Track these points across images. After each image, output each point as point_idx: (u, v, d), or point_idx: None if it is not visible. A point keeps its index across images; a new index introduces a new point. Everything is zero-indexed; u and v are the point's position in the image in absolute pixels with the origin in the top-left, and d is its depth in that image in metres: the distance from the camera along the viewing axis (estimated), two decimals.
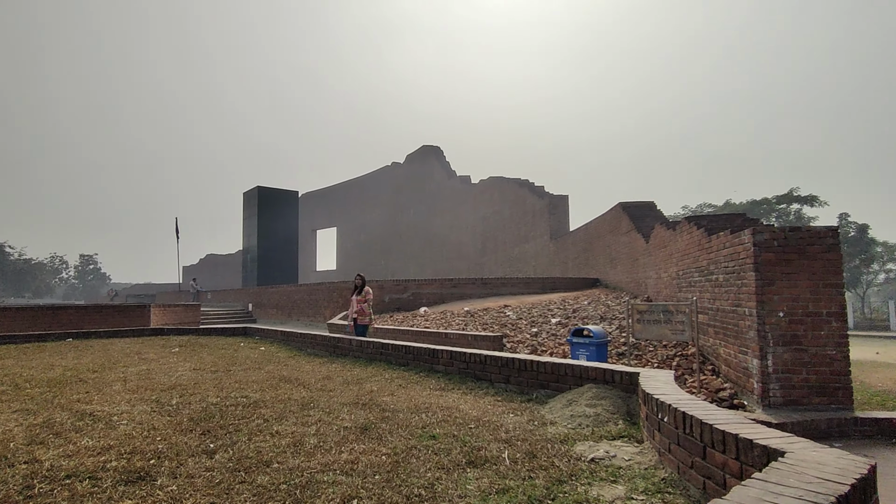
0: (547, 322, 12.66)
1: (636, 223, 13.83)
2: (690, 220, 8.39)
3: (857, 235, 43.49)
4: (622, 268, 15.68)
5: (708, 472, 2.44)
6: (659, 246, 10.99)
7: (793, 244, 5.76)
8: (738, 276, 6.30)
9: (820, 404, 5.73)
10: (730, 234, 6.55)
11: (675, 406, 2.79)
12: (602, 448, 3.32)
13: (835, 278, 5.70)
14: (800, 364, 5.74)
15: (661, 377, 3.89)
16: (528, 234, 33.52)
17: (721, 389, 6.76)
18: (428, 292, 19.58)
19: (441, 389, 5.52)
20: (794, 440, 2.14)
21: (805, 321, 5.73)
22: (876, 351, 20.77)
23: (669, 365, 8.11)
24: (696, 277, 8.12)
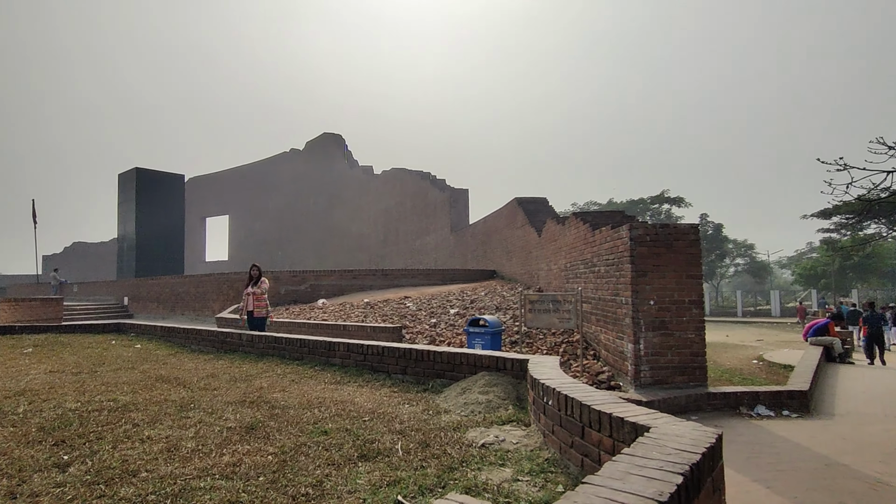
0: (446, 313, 12.90)
1: (530, 218, 14.56)
2: (577, 216, 9.00)
3: (714, 233, 49.71)
4: (517, 260, 16.44)
5: (585, 450, 2.62)
6: (550, 240, 11.67)
7: (662, 239, 6.40)
8: (616, 267, 6.86)
9: (681, 382, 6.44)
10: (610, 229, 7.11)
11: (558, 390, 2.96)
12: (492, 433, 3.43)
13: (695, 270, 6.43)
14: (666, 347, 6.41)
15: (548, 363, 4.11)
16: (430, 226, 33.88)
17: (601, 372, 7.35)
18: (327, 284, 19.05)
19: (337, 383, 5.38)
20: (658, 416, 2.36)
21: (671, 308, 6.41)
22: (726, 334, 23.96)
23: (557, 351, 8.65)
24: (582, 269, 8.74)
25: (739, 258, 55.44)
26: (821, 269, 42.16)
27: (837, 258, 38.81)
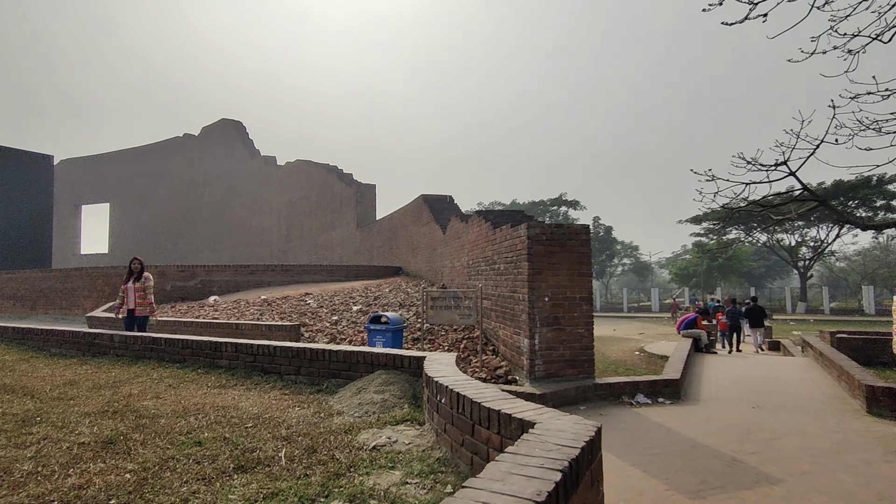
0: (348, 310, 12.56)
1: (436, 215, 14.64)
2: (480, 214, 9.17)
3: (605, 235, 53.73)
4: (422, 257, 16.47)
5: (475, 448, 2.59)
6: (454, 237, 11.80)
7: (557, 238, 6.69)
8: (515, 265, 7.07)
9: (571, 375, 6.79)
10: (510, 228, 7.31)
11: (450, 387, 2.92)
12: (385, 434, 3.32)
13: (586, 268, 6.80)
14: (559, 342, 6.71)
15: (444, 360, 4.08)
16: (336, 221, 32.97)
17: (499, 367, 7.53)
18: (220, 280, 17.74)
19: (221, 387, 4.95)
20: (543, 412, 2.39)
21: (564, 305, 6.72)
22: (613, 328, 25.94)
23: (458, 347, 8.75)
24: (484, 266, 8.92)
25: (626, 258, 60.47)
26: (692, 269, 47.21)
27: (705, 259, 43.68)
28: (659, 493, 3.66)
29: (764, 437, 5.08)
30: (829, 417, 5.82)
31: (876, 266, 44.59)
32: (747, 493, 3.66)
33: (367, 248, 27.40)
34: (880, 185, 35.04)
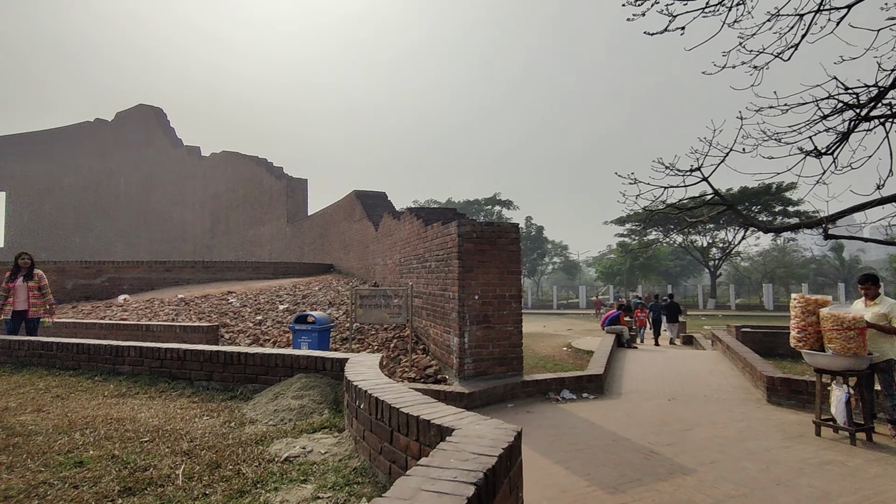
0: (274, 309, 12.00)
1: (368, 212, 14.32)
2: (412, 211, 9.03)
3: (537, 234, 55.37)
4: (355, 254, 16.08)
5: (394, 456, 2.45)
6: (386, 234, 11.57)
7: (487, 237, 6.68)
8: (445, 263, 6.99)
9: (500, 372, 6.81)
10: (441, 225, 7.22)
11: (369, 392, 2.75)
12: (300, 444, 3.10)
13: (516, 266, 6.85)
14: (488, 340, 6.71)
15: (367, 362, 3.90)
16: (265, 216, 31.56)
17: (429, 366, 7.43)
18: (132, 277, 16.39)
19: (120, 396, 4.48)
20: (463, 416, 2.29)
21: (493, 303, 6.72)
22: (543, 325, 26.71)
23: (388, 347, 8.56)
24: (415, 264, 8.78)
25: (556, 257, 62.63)
26: (616, 267, 49.69)
27: (628, 259, 46.12)
28: (580, 490, 3.69)
29: (678, 427, 5.32)
30: (736, 407, 6.22)
31: (774, 266, 49.06)
32: (663, 484, 3.78)
33: (298, 245, 26.44)
34: (778, 193, 38.54)
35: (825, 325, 4.90)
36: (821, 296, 5.13)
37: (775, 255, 50.30)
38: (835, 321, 4.81)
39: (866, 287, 5.25)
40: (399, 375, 7.20)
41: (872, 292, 5.20)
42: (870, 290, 5.21)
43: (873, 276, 5.29)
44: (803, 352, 5.11)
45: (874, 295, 5.18)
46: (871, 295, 5.19)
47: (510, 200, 54.25)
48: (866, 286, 5.25)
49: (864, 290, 5.27)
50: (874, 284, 5.24)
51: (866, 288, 5.24)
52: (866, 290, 5.25)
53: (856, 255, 57.48)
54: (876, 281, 5.27)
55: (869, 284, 5.23)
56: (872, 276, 5.32)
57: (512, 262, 6.84)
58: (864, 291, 5.27)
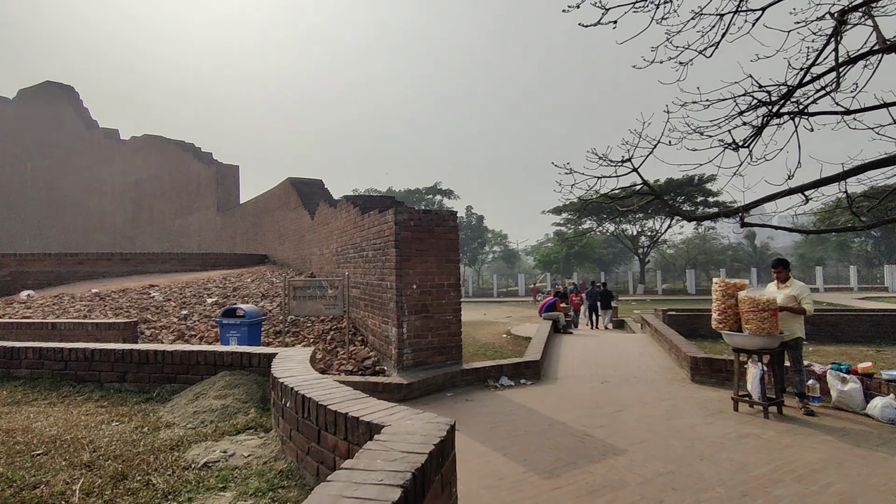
0: (202, 303, 11.32)
1: (304, 200, 13.79)
2: (349, 199, 8.75)
3: (477, 224, 55.99)
4: (290, 244, 15.48)
5: (321, 456, 2.30)
6: (322, 223, 11.19)
7: (425, 225, 6.56)
8: (383, 252, 6.81)
9: (440, 362, 6.76)
10: (378, 213, 7.03)
11: (296, 389, 2.58)
12: (221, 447, 2.86)
13: (454, 255, 6.79)
14: (427, 329, 6.62)
15: (297, 356, 3.69)
16: (193, 205, 29.79)
17: (367, 358, 7.25)
18: (38, 271, 14.92)
19: (14, 403, 4.00)
20: (395, 411, 2.17)
21: (432, 292, 6.64)
22: (483, 312, 27.06)
23: (325, 339, 8.29)
24: (352, 254, 8.53)
25: (496, 246, 63.64)
26: (553, 256, 51.24)
27: (564, 247, 47.68)
28: (518, 476, 3.69)
29: (610, 409, 5.49)
30: (663, 387, 6.52)
31: (696, 253, 52.43)
32: (596, 466, 3.86)
33: (230, 235, 25.17)
34: (700, 184, 41.11)
35: (743, 306, 5.20)
36: (739, 280, 5.44)
37: (697, 243, 53.72)
38: (751, 303, 5.10)
39: (778, 271, 5.62)
40: (336, 368, 6.98)
41: (784, 276, 5.58)
42: (781, 273, 5.58)
43: (784, 261, 5.67)
44: (723, 332, 5.40)
45: (785, 278, 5.56)
46: (783, 278, 5.56)
47: (451, 190, 54.45)
48: (778, 270, 5.62)
49: (776, 273, 5.64)
50: (785, 269, 5.62)
51: (778, 272, 5.61)
52: (778, 273, 5.62)
53: (766, 242, 62.56)
54: (787, 265, 5.65)
55: (781, 269, 5.60)
56: (784, 261, 5.70)
57: (450, 251, 6.77)
58: (776, 275, 5.64)
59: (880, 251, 47.10)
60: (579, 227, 47.64)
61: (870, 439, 4.40)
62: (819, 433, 4.58)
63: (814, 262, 48.86)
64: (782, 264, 5.66)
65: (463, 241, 55.29)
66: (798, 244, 58.77)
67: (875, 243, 48.20)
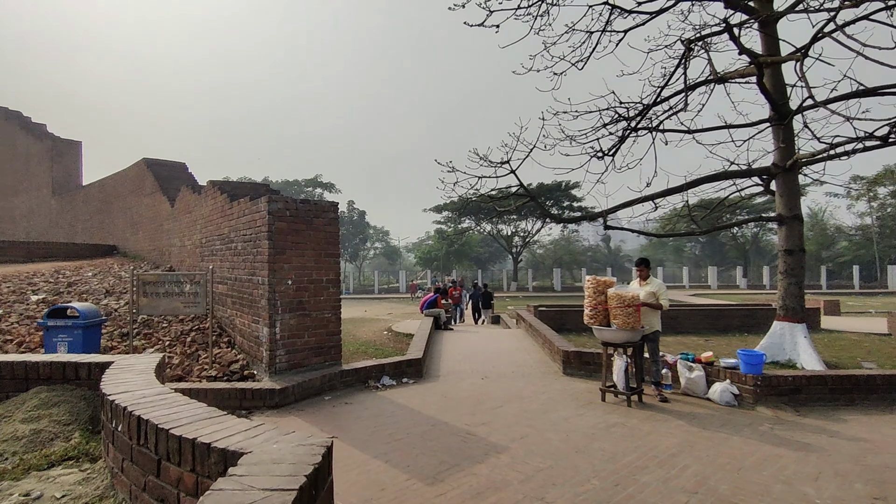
0: (24, 301, 9.43)
1: (163, 184, 12.18)
2: (215, 184, 7.82)
3: (359, 219, 54.94)
4: (145, 234, 13.60)
5: (162, 493, 1.85)
6: (185, 211, 9.94)
7: (303, 215, 6.06)
8: (254, 244, 6.16)
9: (317, 363, 6.30)
10: (249, 201, 6.34)
11: (130, 408, 2.07)
12: (22, 489, 2.23)
13: (334, 248, 6.37)
14: (303, 328, 6.12)
15: (140, 365, 3.08)
16: (19, 185, 25.10)
17: (234, 362, 6.53)
18: None
19: None
20: (257, 433, 1.81)
21: (309, 288, 6.15)
22: (364, 309, 26.53)
23: (184, 341, 7.32)
24: (219, 246, 7.65)
25: (378, 242, 63.06)
26: (434, 253, 52.14)
27: (444, 245, 48.74)
28: (400, 485, 3.47)
29: (491, 406, 5.52)
30: (538, 380, 6.76)
31: (562, 253, 56.97)
32: (479, 466, 3.78)
33: (69, 222, 21.56)
34: (566, 190, 44.65)
35: (611, 303, 5.54)
36: (608, 277, 5.79)
37: (563, 244, 58.35)
38: (618, 299, 5.46)
39: (640, 269, 6.10)
40: (197, 375, 6.16)
41: (645, 273, 6.07)
42: (643, 271, 6.07)
43: (646, 260, 6.17)
44: (594, 327, 5.72)
45: (646, 276, 6.05)
46: (644, 276, 6.04)
47: (332, 183, 52.68)
48: (640, 269, 6.11)
49: (638, 272, 6.12)
50: (647, 267, 6.11)
51: (640, 270, 6.10)
52: (640, 271, 6.10)
53: (618, 245, 70.05)
54: (648, 264, 6.15)
55: (643, 267, 6.09)
56: (645, 260, 6.19)
57: (330, 244, 6.34)
58: (638, 273, 6.12)
59: (706, 254, 55.28)
60: (459, 225, 49.01)
61: (713, 422, 4.92)
62: (673, 419, 5.02)
63: (656, 263, 55.87)
64: (644, 263, 6.15)
65: (344, 237, 53.86)
66: (644, 247, 66.69)
67: (702, 248, 56.46)
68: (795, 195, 8.16)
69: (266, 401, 5.40)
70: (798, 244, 7.92)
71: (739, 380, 5.64)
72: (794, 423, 4.92)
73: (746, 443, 4.33)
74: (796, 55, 7.04)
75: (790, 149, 8.19)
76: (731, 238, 48.59)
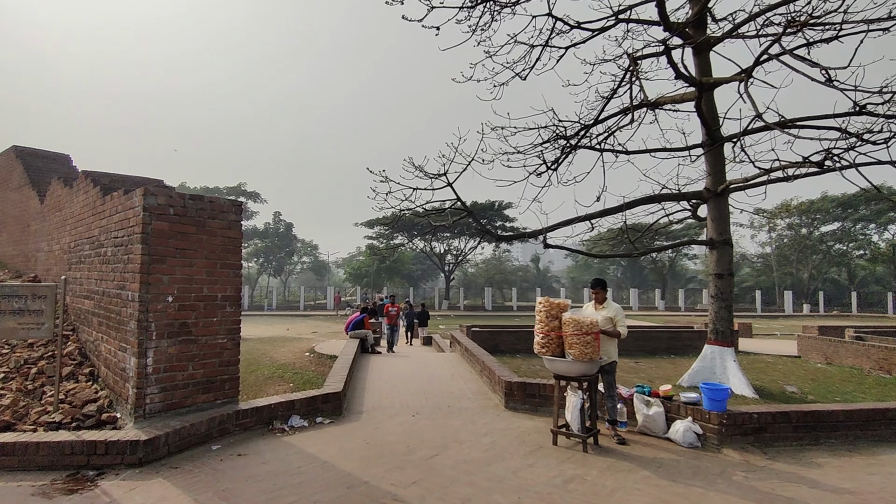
0: None
1: (35, 177, 10.15)
2: (89, 175, 6.28)
3: (286, 231, 52.19)
4: (9, 236, 11.32)
5: None
6: (55, 208, 8.15)
7: (193, 215, 4.80)
8: (125, 249, 4.80)
9: (206, 402, 4.99)
10: (123, 194, 4.98)
11: None
12: None
13: (234, 258, 5.14)
14: (187, 358, 4.82)
15: None
16: None
17: (92, 401, 5.06)
18: None
19: None
20: None
21: (198, 307, 4.87)
22: (287, 327, 24.59)
23: (27, 373, 5.68)
24: (88, 251, 6.11)
25: (306, 256, 60.25)
26: (364, 269, 50.44)
27: (376, 261, 47.30)
28: None
29: (424, 455, 4.50)
30: (478, 417, 5.83)
31: (493, 272, 57.26)
32: None
33: None
34: (500, 209, 44.97)
35: (566, 329, 4.75)
36: (562, 300, 5.01)
37: (494, 263, 58.71)
38: (575, 325, 4.68)
39: (596, 292, 5.38)
40: (33, 421, 4.64)
41: (601, 297, 5.36)
42: (599, 294, 5.36)
43: (602, 282, 5.47)
44: (545, 358, 4.89)
45: (602, 299, 5.34)
46: (601, 299, 5.34)
47: (257, 192, 49.68)
48: (597, 291, 5.39)
49: (594, 294, 5.41)
50: (603, 289, 5.41)
51: (597, 292, 5.38)
52: (597, 294, 5.38)
53: (547, 265, 71.80)
54: (605, 286, 5.45)
55: (599, 289, 5.38)
56: (602, 281, 5.48)
57: (229, 253, 5.10)
58: (594, 295, 5.40)
59: (627, 277, 57.75)
60: (391, 241, 47.80)
61: (682, 471, 4.21)
62: (637, 468, 4.26)
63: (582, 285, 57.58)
64: (600, 285, 5.44)
65: (269, 250, 50.80)
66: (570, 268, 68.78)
67: (623, 270, 58.97)
68: (725, 220, 8.04)
69: (125, 456, 4.06)
70: (728, 268, 7.77)
71: (702, 417, 5.02)
72: (767, 469, 4.32)
73: (726, 501, 3.62)
74: (740, 75, 6.83)
75: (721, 174, 8.10)
76: (651, 262, 51.01)
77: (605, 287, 5.40)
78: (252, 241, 50.67)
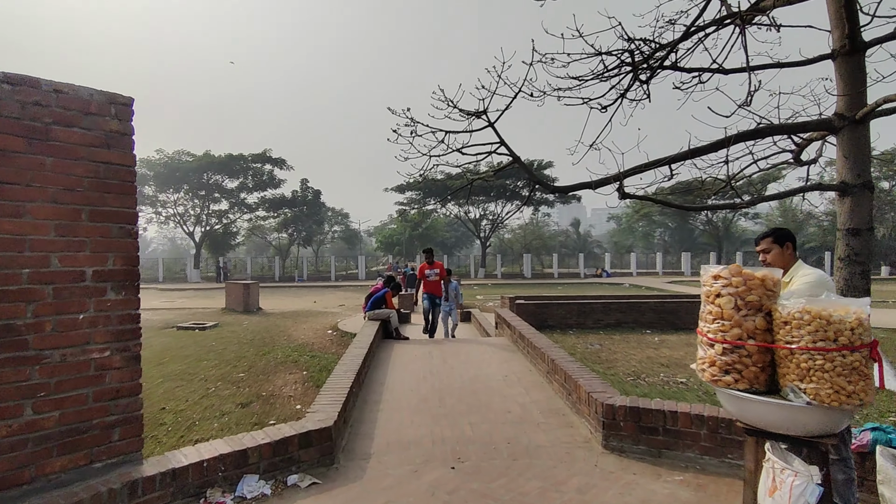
0: None
1: None
2: None
3: (314, 199, 50.44)
4: None
5: None
6: None
7: (18, 115, 2.41)
8: None
9: (69, 468, 2.71)
10: None
11: None
12: None
13: (119, 202, 2.62)
14: (19, 394, 2.52)
15: None
16: None
17: None
18: None
19: None
20: None
21: (40, 293, 2.47)
22: (314, 300, 22.75)
23: None
24: None
25: (337, 226, 58.64)
26: (396, 237, 48.38)
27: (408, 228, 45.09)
28: None
29: None
30: (565, 471, 3.40)
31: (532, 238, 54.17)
32: None
33: None
34: (539, 169, 41.64)
35: (797, 334, 2.17)
36: (765, 270, 2.41)
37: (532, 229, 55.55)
38: (820, 329, 2.10)
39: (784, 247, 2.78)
40: None
41: (789, 254, 2.77)
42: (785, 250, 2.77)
43: (783, 232, 2.87)
44: (727, 392, 2.36)
45: (785, 260, 2.74)
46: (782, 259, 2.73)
47: (283, 159, 47.68)
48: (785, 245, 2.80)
49: (763, 253, 2.83)
50: (791, 242, 2.82)
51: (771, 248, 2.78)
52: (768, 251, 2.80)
53: (588, 230, 68.01)
54: (787, 237, 2.86)
55: (789, 244, 2.78)
56: (781, 231, 2.89)
57: (108, 192, 2.71)
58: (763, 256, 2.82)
59: (675, 241, 53.64)
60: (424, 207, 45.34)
61: None
62: None
63: (625, 249, 53.85)
64: (788, 237, 2.85)
65: (297, 218, 49.20)
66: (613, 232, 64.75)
67: (671, 234, 54.80)
68: (866, 156, 5.11)
69: None
70: (867, 221, 4.89)
71: None
72: None
73: None
74: None
75: (861, 95, 5.18)
76: (706, 222, 46.91)
77: (791, 239, 2.81)
78: (282, 211, 49.13)
